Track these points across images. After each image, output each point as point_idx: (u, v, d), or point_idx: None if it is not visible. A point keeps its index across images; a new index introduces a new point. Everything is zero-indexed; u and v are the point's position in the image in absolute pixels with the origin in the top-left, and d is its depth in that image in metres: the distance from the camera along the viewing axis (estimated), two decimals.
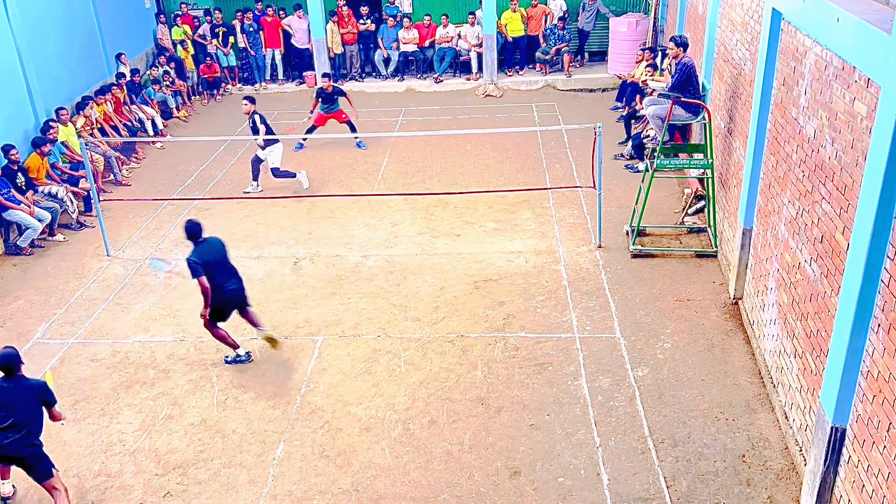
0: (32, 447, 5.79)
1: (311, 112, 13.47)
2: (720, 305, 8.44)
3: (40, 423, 5.87)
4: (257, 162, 11.92)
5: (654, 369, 7.46)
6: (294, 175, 11.79)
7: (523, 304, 8.63)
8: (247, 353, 7.89)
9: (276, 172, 11.78)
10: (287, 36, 17.35)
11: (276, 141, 11.69)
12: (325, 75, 13.67)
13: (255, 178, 12.02)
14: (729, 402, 6.97)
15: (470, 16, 17.00)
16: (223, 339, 7.75)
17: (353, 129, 13.45)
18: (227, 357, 7.89)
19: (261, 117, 11.38)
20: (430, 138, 13.66)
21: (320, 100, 13.30)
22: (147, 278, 9.60)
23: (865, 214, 4.64)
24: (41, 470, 5.84)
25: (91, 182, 10.35)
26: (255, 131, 11.37)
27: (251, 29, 17.06)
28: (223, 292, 7.51)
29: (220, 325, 7.74)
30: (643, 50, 14.28)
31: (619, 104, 14.92)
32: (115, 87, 13.76)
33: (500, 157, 13.04)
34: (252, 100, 11.48)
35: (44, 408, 5.87)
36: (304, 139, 13.50)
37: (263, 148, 11.66)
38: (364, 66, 17.90)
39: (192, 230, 7.47)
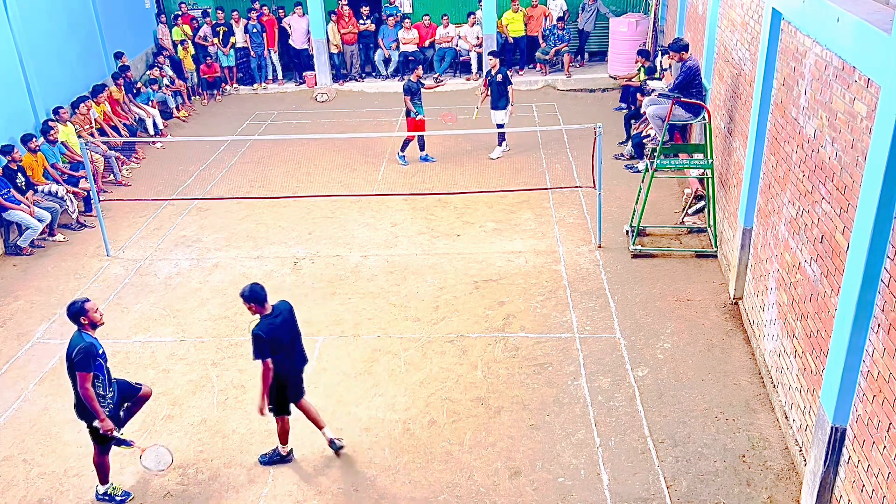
0: None
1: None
2: (720, 305, 8.44)
3: None
4: (500, 126, 12.88)
5: (654, 369, 7.45)
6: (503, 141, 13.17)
7: (523, 304, 8.63)
8: (289, 450, 6.58)
9: (502, 128, 12.95)
10: (284, 35, 17.34)
11: (507, 105, 12.80)
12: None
13: (501, 142, 13.09)
14: (729, 402, 6.97)
15: (470, 16, 17.00)
16: (285, 432, 6.41)
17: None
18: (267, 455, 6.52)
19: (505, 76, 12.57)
20: (429, 138, 13.65)
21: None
22: (147, 278, 9.60)
23: (865, 214, 4.63)
24: None
25: (91, 182, 10.35)
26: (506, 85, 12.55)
27: (255, 30, 17.06)
28: (290, 377, 6.04)
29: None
30: (640, 53, 14.24)
31: (622, 105, 14.89)
32: (108, 87, 13.72)
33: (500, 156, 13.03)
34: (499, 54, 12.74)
35: None
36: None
37: (499, 109, 12.75)
38: (364, 66, 17.90)
39: (255, 296, 5.86)
